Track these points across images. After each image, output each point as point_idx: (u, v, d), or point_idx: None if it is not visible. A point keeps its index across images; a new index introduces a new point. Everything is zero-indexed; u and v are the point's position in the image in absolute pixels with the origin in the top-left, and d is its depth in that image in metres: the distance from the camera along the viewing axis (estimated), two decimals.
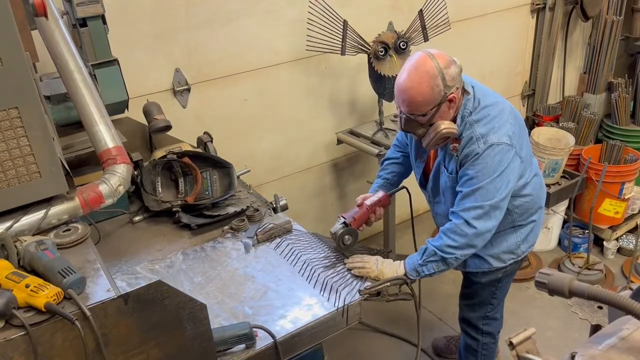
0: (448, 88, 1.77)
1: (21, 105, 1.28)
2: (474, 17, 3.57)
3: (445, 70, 1.76)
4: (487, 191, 1.82)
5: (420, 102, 1.78)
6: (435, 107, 1.79)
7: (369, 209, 2.01)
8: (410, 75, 1.77)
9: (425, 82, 1.75)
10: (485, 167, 1.81)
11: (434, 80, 1.75)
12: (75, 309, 1.12)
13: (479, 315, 2.30)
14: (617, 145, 3.50)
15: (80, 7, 1.89)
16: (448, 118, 1.84)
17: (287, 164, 3.20)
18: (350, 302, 1.67)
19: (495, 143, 1.81)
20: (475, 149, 1.82)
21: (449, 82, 1.77)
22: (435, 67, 1.76)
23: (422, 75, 1.76)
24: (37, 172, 1.34)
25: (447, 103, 1.80)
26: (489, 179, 1.81)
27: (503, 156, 1.81)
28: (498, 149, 1.81)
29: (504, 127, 1.84)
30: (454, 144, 1.89)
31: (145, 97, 2.41)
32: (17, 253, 1.25)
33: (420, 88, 1.76)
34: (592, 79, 4.02)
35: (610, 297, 0.88)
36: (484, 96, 1.90)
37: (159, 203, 2.10)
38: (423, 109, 1.79)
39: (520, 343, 0.91)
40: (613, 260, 3.52)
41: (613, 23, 3.80)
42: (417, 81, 1.76)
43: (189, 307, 1.28)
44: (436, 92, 1.76)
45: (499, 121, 1.85)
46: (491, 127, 1.83)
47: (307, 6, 2.70)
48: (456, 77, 1.79)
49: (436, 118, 1.82)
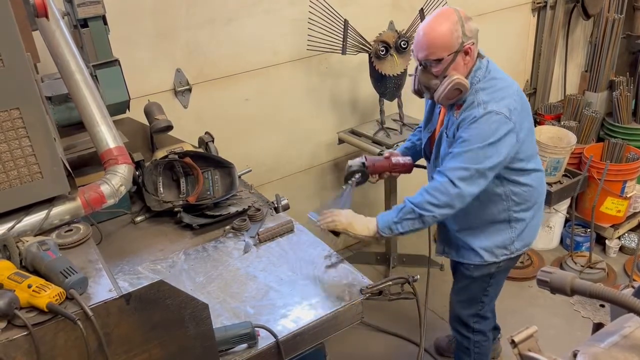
0: (466, 38, 1.82)
1: (23, 106, 1.28)
2: (475, 16, 3.54)
3: (465, 20, 1.83)
4: (477, 155, 1.83)
5: (439, 45, 1.82)
6: (452, 55, 1.83)
7: (392, 166, 2.07)
8: (431, 20, 1.84)
9: (446, 25, 1.81)
10: (479, 132, 1.82)
11: (454, 25, 1.81)
12: (78, 309, 1.13)
13: (470, 313, 2.29)
14: (618, 143, 3.50)
15: (81, 7, 1.89)
16: (461, 73, 1.87)
17: (289, 163, 3.20)
18: (352, 302, 1.67)
19: (494, 111, 1.82)
20: (473, 113, 1.84)
21: (468, 32, 1.82)
22: (456, 15, 1.82)
23: (443, 20, 1.82)
24: (39, 172, 1.34)
25: (462, 55, 1.84)
26: (481, 144, 1.82)
27: (499, 126, 1.82)
28: (496, 118, 1.81)
29: (506, 100, 1.85)
30: (458, 110, 1.91)
31: (146, 98, 2.42)
32: (19, 253, 1.25)
33: (441, 30, 1.81)
34: (593, 77, 4.02)
35: (612, 295, 0.88)
36: (495, 70, 1.95)
37: (161, 203, 2.10)
38: (440, 52, 1.83)
39: (523, 341, 0.91)
40: (615, 258, 3.52)
41: (614, 21, 3.79)
42: (437, 24, 1.82)
43: (190, 306, 1.28)
44: (455, 37, 1.81)
45: (503, 93, 1.87)
46: (494, 97, 1.85)
47: (307, 6, 2.70)
48: (475, 31, 1.85)
49: (450, 70, 1.85)
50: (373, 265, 3.52)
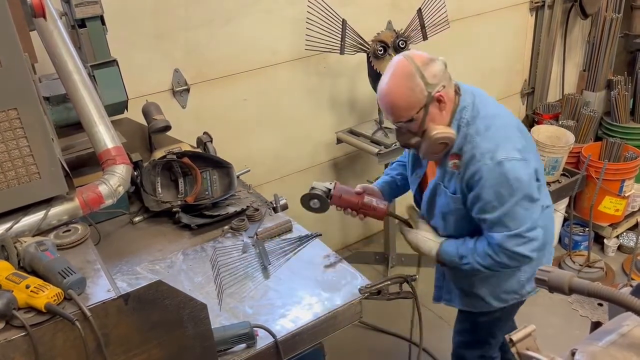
0: (431, 86, 1.61)
1: (20, 106, 1.28)
2: (473, 16, 3.57)
3: (423, 68, 1.60)
4: (513, 218, 1.63)
5: (403, 106, 1.63)
6: (421, 110, 1.62)
7: (361, 205, 1.89)
8: (388, 81, 1.64)
9: (403, 83, 1.61)
10: (500, 189, 1.61)
11: (412, 80, 1.60)
12: (76, 309, 1.12)
13: (475, 355, 2.12)
14: (616, 142, 3.50)
15: (78, 7, 1.88)
16: (443, 122, 1.67)
17: (287, 163, 3.20)
18: (351, 301, 1.67)
19: (505, 159, 1.60)
20: (481, 168, 1.61)
21: (430, 79, 1.60)
22: (412, 66, 1.60)
23: (399, 78, 1.62)
24: (37, 173, 1.34)
25: (435, 104, 1.63)
26: (512, 201, 1.61)
27: (518, 171, 1.61)
28: (510, 165, 1.60)
29: (511, 141, 1.64)
30: (453, 161, 1.70)
31: (144, 98, 2.41)
32: (17, 254, 1.25)
33: (399, 90, 1.62)
34: (591, 76, 4.02)
35: (610, 293, 0.88)
36: (485, 106, 1.71)
37: (159, 203, 2.10)
38: (408, 113, 1.63)
39: (521, 340, 0.91)
40: (613, 257, 3.52)
41: (612, 20, 3.80)
42: (395, 84, 1.63)
43: (189, 306, 1.28)
44: (417, 92, 1.60)
45: (505, 133, 1.66)
46: (496, 142, 1.63)
47: (306, 5, 2.70)
48: (439, 74, 1.62)
49: (428, 123, 1.65)
50: (372, 264, 3.52)
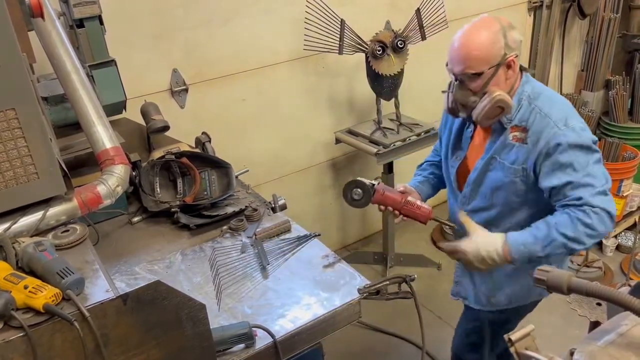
0: (509, 49, 1.63)
1: (18, 106, 1.28)
2: (472, 16, 3.55)
3: (508, 29, 1.63)
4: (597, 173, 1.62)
5: (478, 57, 1.62)
6: (492, 68, 1.62)
7: (404, 204, 1.82)
8: (469, 29, 1.66)
9: (486, 35, 1.62)
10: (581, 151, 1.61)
11: (495, 34, 1.62)
12: (74, 309, 1.12)
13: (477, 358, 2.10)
14: (615, 142, 3.51)
15: (77, 7, 1.88)
16: (506, 88, 1.67)
17: (286, 163, 3.20)
18: (350, 301, 1.67)
19: (577, 126, 1.62)
20: (558, 133, 1.61)
21: (511, 42, 1.63)
22: (498, 23, 1.63)
23: (482, 29, 1.63)
24: (35, 173, 1.34)
25: (504, 68, 1.64)
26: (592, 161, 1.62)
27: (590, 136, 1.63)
28: (583, 132, 1.62)
29: (574, 114, 1.67)
30: (514, 133, 1.69)
31: (143, 98, 2.41)
32: (16, 254, 1.24)
33: (480, 40, 1.62)
34: (589, 76, 4.03)
35: (608, 293, 0.89)
36: (543, 87, 1.76)
37: (158, 203, 2.10)
38: (480, 66, 1.63)
39: (520, 340, 0.91)
40: (612, 257, 3.53)
41: (610, 20, 3.81)
42: (476, 33, 1.63)
43: (188, 307, 1.28)
44: (496, 48, 1.61)
45: (569, 108, 1.69)
46: (565, 112, 1.65)
47: (304, 5, 2.70)
48: (518, 42, 1.65)
49: (491, 85, 1.64)
50: (370, 264, 3.52)
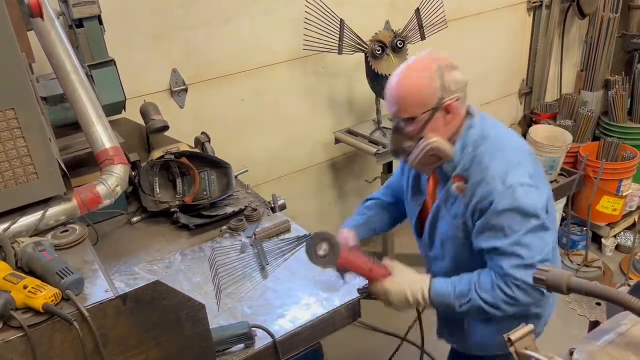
0: (447, 92, 1.46)
1: (18, 106, 1.27)
2: (471, 16, 3.58)
3: (446, 69, 1.47)
4: (530, 244, 1.45)
5: (412, 100, 1.47)
6: (428, 112, 1.47)
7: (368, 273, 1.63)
8: (404, 70, 1.50)
9: (421, 75, 1.46)
10: (514, 215, 1.44)
11: (430, 74, 1.45)
12: (74, 309, 1.12)
13: None
14: (614, 142, 3.51)
15: (76, 7, 1.88)
16: (443, 136, 1.50)
17: (285, 163, 3.20)
18: (349, 301, 1.67)
19: (517, 183, 1.44)
20: (492, 192, 1.45)
21: (450, 84, 1.47)
22: (434, 62, 1.47)
23: (416, 70, 1.47)
24: (34, 173, 1.33)
25: (442, 113, 1.48)
26: (526, 228, 1.45)
27: (531, 197, 1.45)
28: (522, 191, 1.44)
29: (523, 165, 1.49)
30: (457, 183, 1.54)
31: (142, 98, 2.41)
32: (15, 254, 1.24)
33: (413, 82, 1.47)
34: (589, 76, 4.03)
35: (608, 292, 0.89)
36: (495, 128, 1.57)
37: (157, 203, 2.10)
38: (413, 110, 1.48)
39: (519, 339, 0.91)
40: (611, 257, 3.53)
41: (609, 20, 3.81)
42: (409, 75, 1.48)
43: (187, 307, 1.28)
44: (431, 90, 1.45)
45: (517, 157, 1.50)
46: (508, 165, 1.47)
47: (304, 5, 2.69)
48: (459, 84, 1.49)
49: (427, 130, 1.49)
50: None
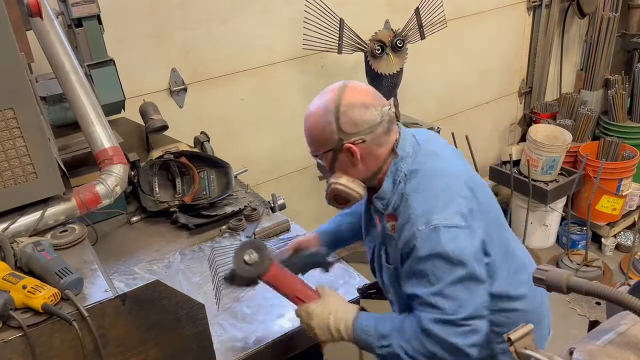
0: (344, 134, 1.33)
1: (17, 106, 1.27)
2: (471, 15, 3.57)
3: (344, 109, 1.32)
4: (450, 299, 1.28)
5: (313, 138, 1.39)
6: (329, 152, 1.37)
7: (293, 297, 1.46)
8: (312, 103, 1.40)
9: (318, 115, 1.36)
10: (437, 261, 1.28)
11: (325, 116, 1.34)
12: (73, 309, 1.12)
13: None
14: (614, 141, 3.51)
15: (75, 7, 1.88)
16: (358, 175, 1.39)
17: (285, 163, 3.19)
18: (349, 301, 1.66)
19: (442, 225, 1.27)
20: (415, 234, 1.29)
21: (345, 126, 1.32)
22: (334, 103, 1.34)
23: (319, 107, 1.37)
24: (34, 173, 1.33)
25: (346, 154, 1.35)
26: (450, 278, 1.27)
27: (459, 242, 1.28)
28: (449, 234, 1.27)
29: (453, 203, 1.31)
30: (390, 223, 1.39)
31: (141, 97, 2.41)
32: (14, 254, 1.24)
33: (313, 119, 1.37)
34: (589, 75, 4.03)
35: (607, 292, 0.88)
36: (430, 158, 1.40)
37: (157, 203, 2.10)
38: (314, 147, 1.40)
39: (519, 339, 0.91)
40: (611, 256, 3.53)
41: (609, 20, 3.81)
42: (312, 111, 1.38)
43: (187, 306, 1.28)
44: (327, 132, 1.34)
45: (447, 193, 1.32)
46: (434, 203, 1.31)
47: (303, 5, 2.69)
48: (361, 124, 1.32)
49: (338, 168, 1.39)
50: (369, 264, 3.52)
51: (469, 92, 3.77)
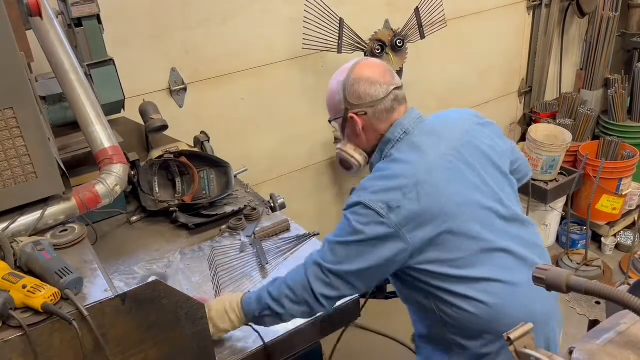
0: (349, 104, 1.49)
1: (16, 106, 1.27)
2: (471, 15, 3.57)
3: (351, 82, 1.48)
4: (333, 252, 1.40)
5: (327, 106, 1.57)
6: (338, 119, 1.54)
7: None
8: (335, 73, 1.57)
9: (332, 83, 1.54)
10: (342, 224, 1.41)
11: (337, 86, 1.51)
12: (73, 309, 1.12)
13: None
14: (614, 141, 3.51)
15: (75, 6, 1.88)
16: (361, 144, 1.55)
17: (285, 162, 3.19)
18: (349, 300, 1.66)
19: (364, 203, 1.37)
20: (351, 198, 1.43)
21: (350, 97, 1.48)
22: (346, 74, 1.49)
23: (335, 79, 1.54)
24: (33, 172, 1.33)
25: (350, 123, 1.51)
26: (338, 237, 1.41)
27: (367, 225, 1.36)
28: (364, 212, 1.36)
29: (388, 193, 1.37)
30: None
31: (141, 97, 2.41)
32: (14, 254, 1.24)
33: (329, 90, 1.55)
34: (588, 75, 4.03)
35: (607, 291, 0.88)
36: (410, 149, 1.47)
37: (157, 203, 2.10)
38: (330, 113, 1.58)
39: (519, 338, 0.91)
40: (611, 256, 3.53)
41: (609, 19, 3.81)
42: (331, 82, 1.55)
43: (187, 306, 1.28)
44: (337, 101, 1.51)
45: (389, 183, 1.39)
46: (375, 184, 1.41)
47: (303, 5, 2.69)
48: (365, 98, 1.47)
49: (346, 136, 1.56)
50: None
51: (468, 92, 3.77)
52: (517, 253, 1.47)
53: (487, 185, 1.49)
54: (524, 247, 1.50)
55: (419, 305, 1.52)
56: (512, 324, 1.30)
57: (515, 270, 1.45)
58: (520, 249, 1.49)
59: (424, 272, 1.42)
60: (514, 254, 1.47)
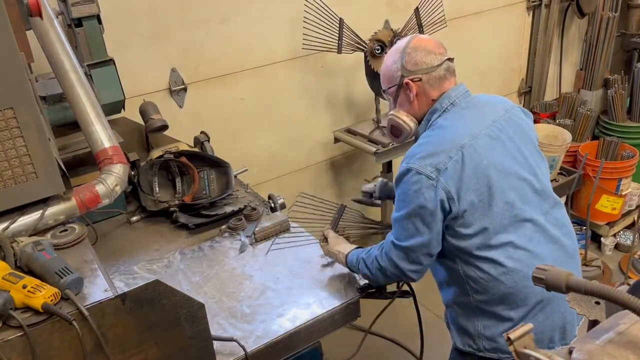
0: (406, 71, 1.60)
1: (17, 106, 1.27)
2: (470, 15, 3.57)
3: (409, 51, 1.60)
4: (402, 228, 1.53)
5: (383, 75, 1.69)
6: (393, 87, 1.65)
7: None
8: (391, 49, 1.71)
9: (390, 54, 1.67)
10: (403, 195, 1.51)
11: (395, 54, 1.64)
12: (73, 309, 1.12)
13: None
14: (613, 141, 3.51)
15: (75, 7, 1.88)
16: (412, 111, 1.65)
17: (285, 162, 3.19)
18: (349, 300, 1.67)
19: (415, 169, 1.48)
20: (400, 168, 1.54)
21: (408, 64, 1.60)
22: (404, 45, 1.62)
23: (393, 49, 1.67)
24: (34, 172, 1.33)
25: (405, 89, 1.62)
26: (399, 210, 1.53)
27: (421, 190, 1.46)
28: (416, 178, 1.47)
29: (436, 157, 1.48)
30: None
31: (141, 97, 2.41)
32: (14, 254, 1.24)
33: (386, 59, 1.68)
34: (588, 75, 4.03)
35: (607, 291, 0.88)
36: (455, 117, 1.59)
37: (157, 203, 2.10)
38: (385, 83, 1.69)
39: (518, 338, 0.91)
40: (611, 256, 3.54)
41: (609, 19, 3.81)
42: (388, 54, 1.69)
43: (187, 306, 1.28)
44: (394, 69, 1.63)
45: (436, 147, 1.50)
46: (422, 149, 1.51)
47: (302, 5, 2.69)
48: (421, 65, 1.59)
49: (397, 104, 1.67)
50: None
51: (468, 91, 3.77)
52: (545, 227, 1.58)
53: (525, 159, 1.60)
54: (552, 225, 1.61)
55: (447, 271, 1.63)
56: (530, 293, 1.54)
57: (541, 243, 1.57)
58: (548, 225, 1.60)
59: (458, 235, 1.52)
60: (543, 228, 1.58)
